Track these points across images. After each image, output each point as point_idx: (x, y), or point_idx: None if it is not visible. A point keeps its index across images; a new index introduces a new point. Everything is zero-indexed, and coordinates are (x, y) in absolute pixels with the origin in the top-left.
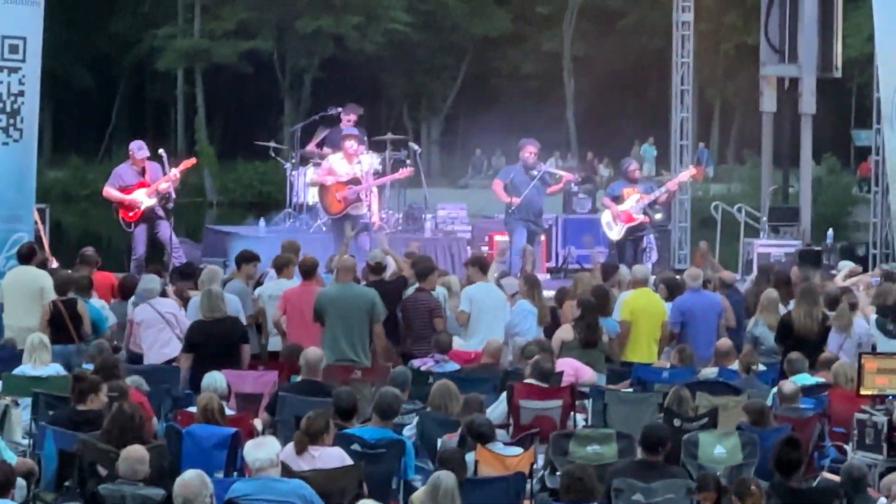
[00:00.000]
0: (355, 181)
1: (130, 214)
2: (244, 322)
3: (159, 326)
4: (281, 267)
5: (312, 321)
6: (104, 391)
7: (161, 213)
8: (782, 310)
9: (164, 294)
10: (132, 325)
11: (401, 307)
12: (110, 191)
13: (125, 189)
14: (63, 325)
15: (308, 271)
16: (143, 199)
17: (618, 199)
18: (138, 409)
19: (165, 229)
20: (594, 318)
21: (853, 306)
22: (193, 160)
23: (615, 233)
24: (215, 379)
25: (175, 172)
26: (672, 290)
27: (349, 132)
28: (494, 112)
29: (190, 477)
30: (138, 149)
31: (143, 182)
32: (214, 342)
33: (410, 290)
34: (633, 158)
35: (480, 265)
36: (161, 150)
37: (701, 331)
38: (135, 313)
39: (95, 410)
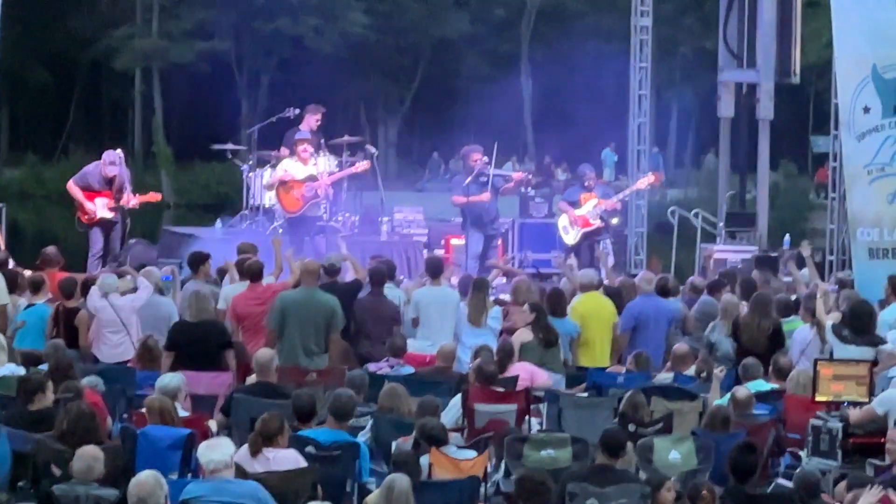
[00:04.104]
0: (312, 178)
1: (86, 218)
2: None
3: (115, 328)
4: (257, 274)
5: (266, 324)
6: (51, 389)
7: (117, 218)
8: None
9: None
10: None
11: (354, 310)
12: (73, 188)
13: (88, 193)
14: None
15: (255, 274)
16: (103, 210)
17: (575, 205)
18: (93, 410)
19: (117, 233)
20: (547, 320)
21: (814, 313)
22: (159, 196)
23: (571, 237)
24: (164, 377)
25: (136, 202)
26: (610, 297)
27: (302, 136)
28: (452, 114)
29: (145, 477)
30: (109, 163)
31: (108, 192)
32: (194, 345)
33: (363, 294)
34: (591, 165)
35: (429, 268)
36: (119, 150)
37: (651, 336)
38: (94, 307)
39: (45, 410)
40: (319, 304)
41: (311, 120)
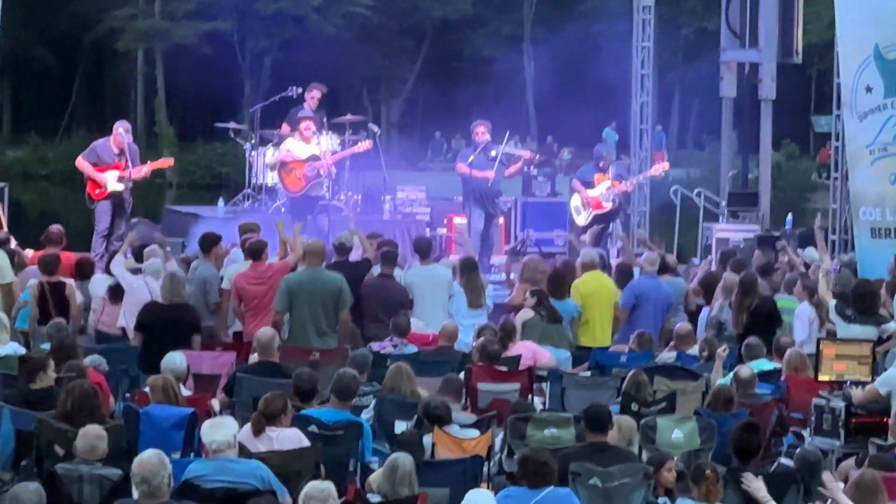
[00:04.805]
0: (314, 158)
1: (97, 192)
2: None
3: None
4: (259, 253)
5: (273, 306)
6: (52, 368)
7: (127, 194)
8: None
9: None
10: (105, 302)
11: (361, 292)
12: (84, 163)
13: (99, 167)
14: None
15: (257, 253)
16: (113, 182)
17: (588, 185)
18: (96, 389)
19: (126, 212)
20: (549, 302)
21: (812, 292)
22: (171, 161)
23: (582, 218)
24: (174, 359)
25: (147, 169)
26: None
27: (305, 114)
28: (454, 95)
29: (148, 456)
30: (125, 131)
31: (118, 164)
32: (165, 327)
33: (372, 275)
34: (595, 144)
35: (417, 248)
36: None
37: (650, 316)
38: (128, 285)
39: (46, 388)
40: (325, 283)
41: (309, 97)
